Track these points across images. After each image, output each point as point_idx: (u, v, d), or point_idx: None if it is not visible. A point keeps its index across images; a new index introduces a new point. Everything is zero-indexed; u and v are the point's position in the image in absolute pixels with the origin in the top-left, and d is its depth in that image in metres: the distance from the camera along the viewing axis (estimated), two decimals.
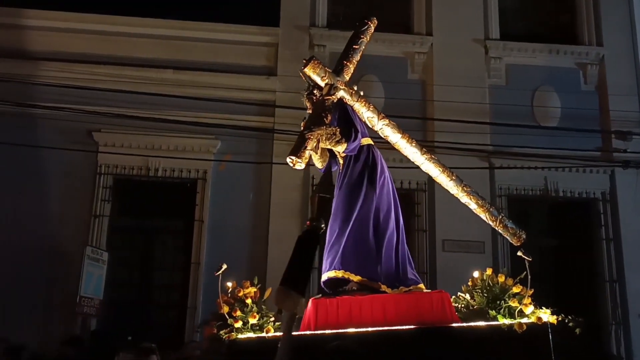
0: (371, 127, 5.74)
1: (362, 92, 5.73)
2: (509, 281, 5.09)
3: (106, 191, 11.75)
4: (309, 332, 5.02)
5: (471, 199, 5.73)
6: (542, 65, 12.88)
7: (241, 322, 5.03)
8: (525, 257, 5.29)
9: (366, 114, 5.69)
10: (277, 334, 5.00)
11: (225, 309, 5.14)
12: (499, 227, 5.75)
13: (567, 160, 12.13)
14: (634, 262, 11.97)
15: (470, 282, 5.31)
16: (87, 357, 4.56)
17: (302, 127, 5.39)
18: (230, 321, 5.09)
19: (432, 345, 4.76)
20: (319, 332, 4.96)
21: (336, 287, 5.46)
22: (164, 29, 12.36)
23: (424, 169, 5.78)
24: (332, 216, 5.55)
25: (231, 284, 5.40)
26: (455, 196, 5.91)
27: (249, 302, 5.20)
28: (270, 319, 5.20)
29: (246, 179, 11.85)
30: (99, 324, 10.77)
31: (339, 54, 6.34)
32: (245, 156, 11.70)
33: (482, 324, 4.87)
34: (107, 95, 11.37)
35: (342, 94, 5.60)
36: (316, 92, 5.67)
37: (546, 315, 4.72)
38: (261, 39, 12.64)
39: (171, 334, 11.13)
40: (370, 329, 4.88)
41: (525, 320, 4.74)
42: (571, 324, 4.83)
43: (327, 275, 5.43)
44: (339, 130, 5.43)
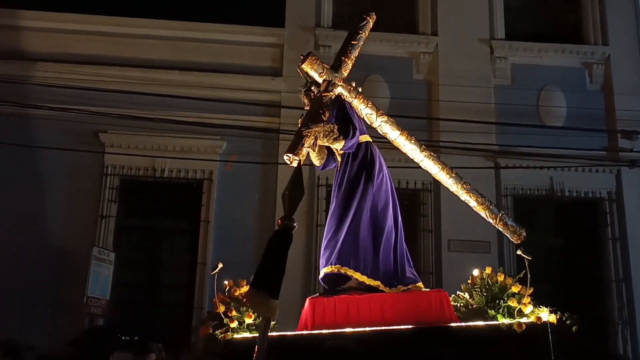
0: (370, 124, 5.69)
1: (360, 89, 5.68)
2: (509, 280, 5.07)
3: (113, 192, 11.81)
4: (306, 332, 5.01)
5: (471, 197, 5.70)
6: (548, 65, 12.84)
7: (237, 322, 5.02)
8: (524, 256, 5.26)
9: (364, 110, 5.65)
10: (274, 334, 5.01)
11: (221, 309, 5.13)
12: (499, 224, 5.72)
13: (573, 159, 12.09)
14: None
15: (469, 281, 5.29)
16: (84, 357, 4.56)
17: (299, 124, 5.34)
18: (226, 321, 5.08)
19: (430, 344, 4.72)
20: (316, 331, 4.95)
21: (334, 283, 5.42)
22: (170, 30, 12.39)
23: (423, 166, 5.76)
24: (329, 213, 5.55)
25: (227, 283, 5.39)
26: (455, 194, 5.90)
27: None
28: None
29: (252, 179, 11.86)
30: (105, 324, 10.80)
31: None
32: (251, 157, 11.72)
33: (481, 323, 4.84)
34: (113, 96, 11.41)
35: (340, 90, 5.54)
36: (314, 88, 5.61)
37: (545, 314, 4.70)
38: (266, 40, 12.67)
39: (178, 334, 11.14)
40: (368, 329, 4.85)
41: (524, 319, 4.72)
42: (568, 322, 4.80)
43: (323, 271, 5.39)
44: (336, 127, 5.36)
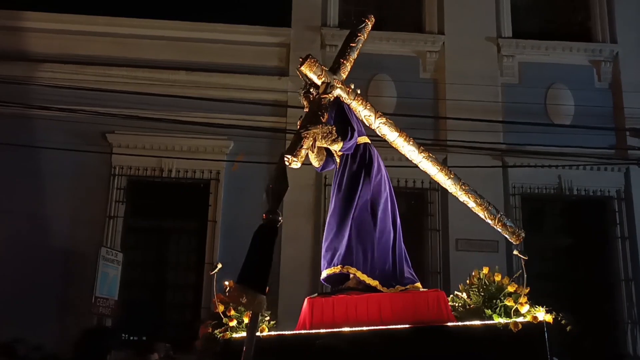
0: (368, 125, 5.71)
1: (358, 91, 5.70)
2: (506, 280, 5.07)
3: (120, 192, 11.88)
4: (304, 332, 5.02)
5: (469, 197, 5.70)
6: (555, 62, 12.80)
7: (236, 321, 5.05)
8: (520, 256, 5.28)
9: (363, 112, 5.66)
10: (272, 334, 5.03)
11: (220, 308, 5.16)
12: (498, 225, 5.70)
13: (581, 158, 12.04)
14: None
15: (468, 281, 5.29)
16: (81, 355, 4.59)
17: (298, 126, 5.37)
18: (225, 320, 5.10)
19: (426, 344, 4.73)
20: (314, 331, 4.96)
21: (336, 284, 5.47)
22: (177, 31, 12.46)
23: (422, 168, 5.75)
24: (329, 214, 5.58)
25: (228, 283, 5.41)
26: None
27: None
28: (265, 318, 5.19)
29: (259, 179, 11.83)
30: (105, 323, 10.86)
31: None
32: (257, 156, 11.73)
33: (477, 323, 4.84)
34: (120, 97, 11.49)
35: (338, 92, 5.55)
36: (313, 90, 5.62)
37: (542, 314, 4.69)
38: (273, 40, 12.70)
39: (185, 333, 11.18)
40: (365, 328, 4.86)
41: (520, 319, 4.71)
42: (563, 321, 4.78)
43: (326, 272, 5.42)
44: (335, 128, 5.37)
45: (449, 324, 4.94)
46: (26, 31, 12.28)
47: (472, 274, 5.28)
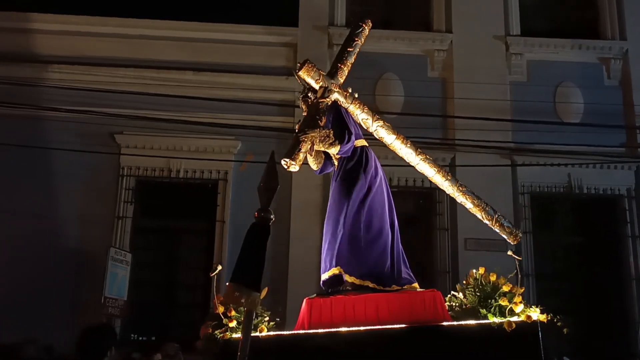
0: (366, 128, 5.74)
1: (356, 95, 5.73)
2: (501, 280, 5.08)
3: (129, 193, 11.95)
4: (302, 332, 5.06)
5: (467, 199, 5.72)
6: (564, 60, 12.73)
7: (236, 322, 5.07)
8: (515, 257, 5.36)
9: (361, 115, 5.69)
10: (271, 334, 5.06)
11: (220, 309, 5.18)
12: (496, 226, 5.73)
13: (590, 156, 12.00)
14: None
15: (464, 281, 5.31)
16: (80, 354, 4.62)
17: (296, 130, 5.41)
18: (225, 321, 5.12)
19: (422, 343, 4.76)
20: (312, 331, 5.00)
21: (334, 286, 5.49)
22: (184, 31, 12.51)
23: (419, 170, 5.77)
24: (327, 216, 5.61)
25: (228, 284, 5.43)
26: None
27: None
28: (264, 318, 5.23)
29: None
30: (105, 322, 10.92)
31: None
32: (265, 156, 11.43)
33: (472, 322, 4.86)
34: (128, 97, 11.55)
35: (336, 96, 5.60)
36: (311, 95, 5.69)
37: (535, 313, 4.69)
38: (280, 40, 12.73)
39: (194, 334, 11.20)
40: (362, 328, 4.89)
41: (515, 318, 4.72)
42: (559, 323, 4.78)
43: (326, 274, 5.47)
44: (332, 132, 5.45)
45: (444, 323, 4.98)
46: (35, 33, 12.37)
47: (468, 274, 5.29)
